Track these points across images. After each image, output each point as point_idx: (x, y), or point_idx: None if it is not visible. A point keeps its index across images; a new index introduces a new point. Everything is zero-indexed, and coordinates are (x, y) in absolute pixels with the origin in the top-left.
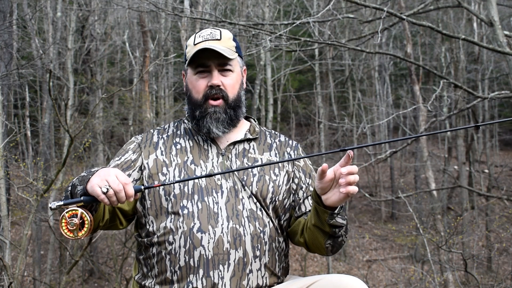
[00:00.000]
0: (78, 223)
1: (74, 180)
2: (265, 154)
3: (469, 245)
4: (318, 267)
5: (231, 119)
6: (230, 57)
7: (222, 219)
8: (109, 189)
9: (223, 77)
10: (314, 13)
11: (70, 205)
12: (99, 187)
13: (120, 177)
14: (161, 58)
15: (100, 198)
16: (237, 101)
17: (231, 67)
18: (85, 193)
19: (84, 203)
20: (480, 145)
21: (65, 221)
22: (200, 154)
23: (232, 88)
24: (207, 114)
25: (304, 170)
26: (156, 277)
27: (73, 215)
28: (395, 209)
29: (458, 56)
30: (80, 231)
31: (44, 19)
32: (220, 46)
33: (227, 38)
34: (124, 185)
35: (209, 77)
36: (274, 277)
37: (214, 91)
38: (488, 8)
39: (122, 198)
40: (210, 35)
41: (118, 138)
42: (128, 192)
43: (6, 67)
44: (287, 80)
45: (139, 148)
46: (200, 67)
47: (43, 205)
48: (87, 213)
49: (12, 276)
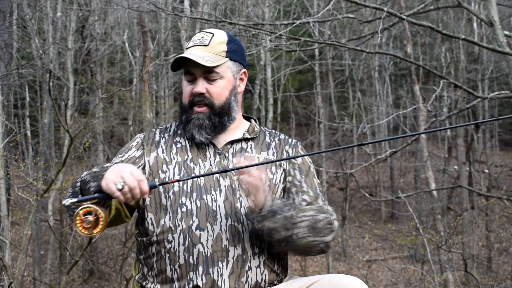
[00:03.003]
0: (93, 220)
1: (84, 175)
2: (262, 153)
3: (469, 245)
4: (318, 267)
5: (214, 126)
6: (209, 65)
7: (220, 216)
8: (124, 186)
9: (209, 84)
10: (314, 13)
11: (84, 202)
12: (114, 184)
13: (135, 173)
14: (161, 58)
15: (115, 196)
16: (224, 108)
17: (217, 74)
18: (99, 189)
19: (98, 200)
20: (480, 145)
21: (79, 219)
22: (198, 153)
23: (219, 95)
24: (191, 119)
25: (301, 168)
26: (157, 277)
27: (87, 213)
28: (395, 209)
29: (458, 56)
30: (95, 228)
31: (44, 19)
32: (204, 53)
33: (218, 43)
34: (139, 181)
35: (194, 84)
36: (274, 274)
37: (197, 99)
38: (488, 8)
39: (137, 195)
40: (200, 40)
41: (118, 138)
42: (143, 188)
43: (6, 67)
44: (287, 80)
45: (142, 145)
46: (187, 74)
47: (43, 205)
48: (101, 210)
49: (12, 276)
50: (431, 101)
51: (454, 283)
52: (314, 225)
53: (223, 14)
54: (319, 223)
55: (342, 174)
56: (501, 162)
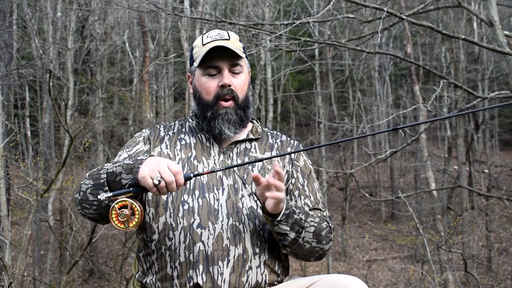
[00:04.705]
0: (129, 214)
1: (111, 167)
2: (266, 154)
3: (469, 245)
4: (318, 267)
5: (241, 120)
6: (241, 56)
7: (222, 215)
8: (161, 181)
9: (233, 78)
10: (314, 13)
11: (119, 196)
12: (151, 178)
13: (172, 166)
14: (161, 58)
15: (152, 191)
16: (246, 102)
17: (241, 68)
18: (135, 183)
19: (133, 194)
20: (480, 145)
21: (115, 213)
22: (202, 151)
23: (242, 89)
24: (218, 115)
25: (303, 170)
26: (157, 274)
27: (123, 206)
28: (395, 209)
29: (458, 56)
30: (131, 222)
31: (44, 19)
32: (231, 45)
33: (235, 39)
34: (176, 174)
35: (220, 77)
36: (274, 274)
37: (225, 91)
38: (488, 8)
39: (173, 189)
40: (219, 35)
41: (118, 138)
42: (179, 181)
43: (6, 67)
44: (287, 80)
45: (148, 139)
46: (210, 68)
47: (43, 205)
48: (137, 204)
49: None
50: (431, 101)
51: (454, 283)
52: (319, 232)
53: (223, 14)
54: (323, 231)
55: (342, 174)
56: (501, 162)
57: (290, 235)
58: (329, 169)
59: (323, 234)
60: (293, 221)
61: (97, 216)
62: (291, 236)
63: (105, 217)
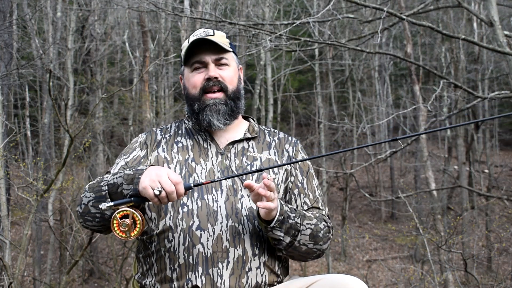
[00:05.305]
0: (130, 223)
1: (111, 179)
2: (264, 153)
3: (469, 245)
4: (318, 267)
5: (232, 110)
6: (226, 48)
7: (221, 217)
8: (162, 191)
9: (220, 70)
10: (314, 13)
11: (121, 206)
12: (152, 189)
13: (172, 176)
14: (161, 58)
15: (153, 201)
16: (236, 93)
17: (227, 61)
18: (135, 194)
19: (134, 203)
20: (480, 145)
21: (116, 222)
22: (200, 153)
23: (231, 80)
24: (206, 106)
25: (302, 169)
26: (156, 275)
27: (124, 216)
28: (395, 209)
29: (458, 56)
30: (132, 231)
31: (44, 19)
32: (215, 39)
33: (221, 35)
34: (176, 184)
35: (206, 71)
36: (274, 275)
37: (212, 83)
38: (488, 8)
39: (174, 199)
40: (204, 33)
41: (118, 138)
42: (180, 191)
43: (6, 67)
44: (287, 80)
45: (145, 144)
46: (196, 63)
47: (43, 205)
48: (138, 213)
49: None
50: (431, 101)
51: (454, 283)
52: (316, 233)
53: (223, 14)
54: (320, 232)
55: (342, 174)
56: (501, 162)
57: (285, 239)
58: (329, 169)
59: (320, 235)
60: (288, 226)
61: (100, 228)
62: (286, 241)
63: (108, 228)
